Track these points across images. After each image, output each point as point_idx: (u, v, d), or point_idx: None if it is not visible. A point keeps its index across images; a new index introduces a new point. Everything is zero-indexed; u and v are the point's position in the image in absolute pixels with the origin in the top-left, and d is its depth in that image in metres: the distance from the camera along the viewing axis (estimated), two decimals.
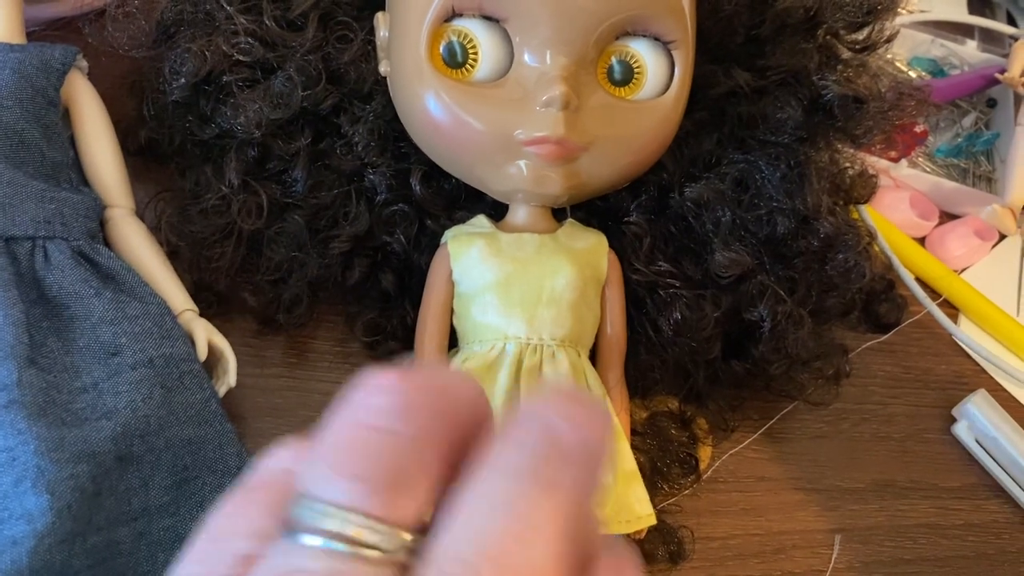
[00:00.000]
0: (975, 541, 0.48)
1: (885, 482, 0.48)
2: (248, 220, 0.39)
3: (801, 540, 0.45)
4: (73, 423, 0.32)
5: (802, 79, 0.42)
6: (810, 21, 0.43)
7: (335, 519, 0.17)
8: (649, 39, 0.37)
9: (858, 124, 0.43)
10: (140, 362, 0.34)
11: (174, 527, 0.34)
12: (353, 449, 0.18)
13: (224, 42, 0.39)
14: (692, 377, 0.43)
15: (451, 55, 0.36)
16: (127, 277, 0.36)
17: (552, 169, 0.37)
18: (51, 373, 0.33)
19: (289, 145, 0.40)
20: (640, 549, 0.41)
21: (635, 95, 0.38)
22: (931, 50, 0.66)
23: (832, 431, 0.49)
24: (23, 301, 0.33)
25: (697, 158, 0.42)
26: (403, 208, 0.41)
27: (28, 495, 0.30)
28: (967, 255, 0.57)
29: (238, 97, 0.39)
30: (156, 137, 0.41)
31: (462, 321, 0.38)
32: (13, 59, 0.37)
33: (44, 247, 0.35)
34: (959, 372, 0.53)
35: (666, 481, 0.42)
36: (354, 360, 0.43)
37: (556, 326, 0.37)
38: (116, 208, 0.40)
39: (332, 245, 0.40)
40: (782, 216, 0.41)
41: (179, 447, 0.34)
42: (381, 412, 0.18)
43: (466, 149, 0.37)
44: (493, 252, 0.38)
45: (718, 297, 0.41)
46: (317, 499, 0.17)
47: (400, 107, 0.39)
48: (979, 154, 0.63)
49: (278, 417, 0.40)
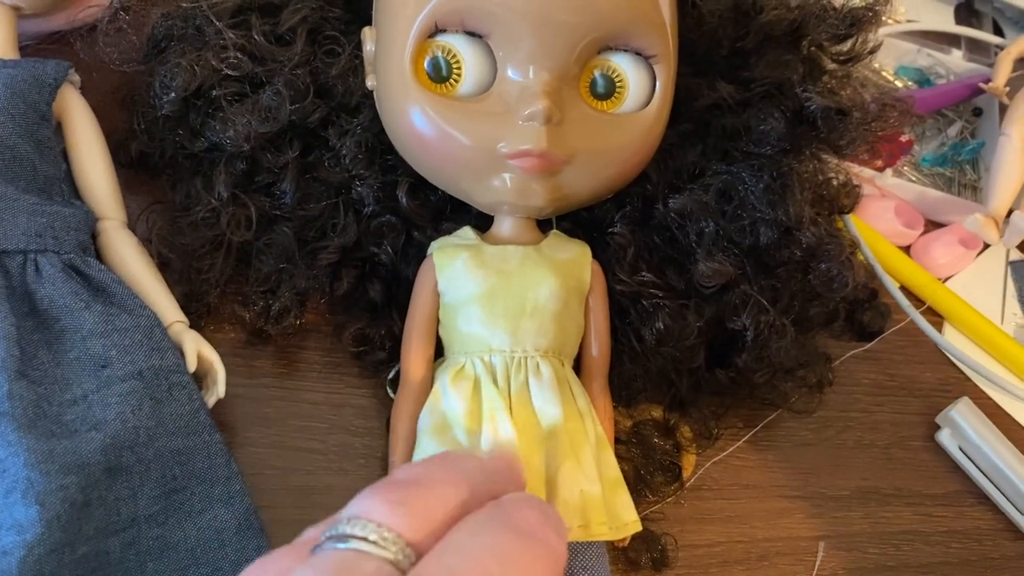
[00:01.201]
0: (958, 548, 0.49)
1: (869, 489, 0.49)
2: (237, 232, 0.40)
3: (785, 547, 0.46)
4: (63, 435, 0.32)
5: (786, 91, 0.43)
6: (794, 33, 0.44)
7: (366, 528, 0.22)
8: (631, 53, 0.38)
9: (841, 135, 0.43)
10: (130, 374, 0.35)
11: (163, 536, 0.34)
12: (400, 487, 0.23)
13: (213, 57, 0.39)
14: (676, 386, 0.43)
15: (435, 70, 0.37)
16: (117, 290, 0.37)
17: (535, 182, 0.37)
18: (41, 385, 0.33)
19: (278, 158, 0.40)
20: (624, 556, 0.41)
21: (617, 109, 0.38)
22: (917, 60, 0.67)
23: (816, 439, 0.49)
24: (14, 314, 0.34)
25: (681, 169, 0.43)
26: (390, 220, 0.42)
27: (18, 506, 0.30)
28: (952, 263, 0.58)
29: (227, 111, 0.39)
30: (147, 150, 0.42)
31: (448, 331, 0.39)
32: (6, 74, 0.38)
33: (35, 260, 0.36)
34: (943, 380, 0.54)
35: (650, 489, 0.43)
36: (343, 370, 0.43)
37: (539, 337, 0.37)
38: (108, 220, 0.40)
39: (320, 256, 0.41)
40: (765, 227, 0.41)
41: (168, 458, 0.35)
42: (424, 477, 0.24)
43: (451, 162, 0.38)
44: (478, 264, 0.38)
45: (701, 307, 0.41)
46: (355, 516, 0.22)
47: (386, 121, 0.40)
48: (965, 163, 0.64)
49: (267, 427, 0.41)
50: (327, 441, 0.41)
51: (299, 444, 0.41)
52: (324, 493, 0.40)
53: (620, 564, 0.41)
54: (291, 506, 0.39)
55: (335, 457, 0.41)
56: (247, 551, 0.35)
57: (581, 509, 0.35)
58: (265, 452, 0.40)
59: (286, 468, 0.40)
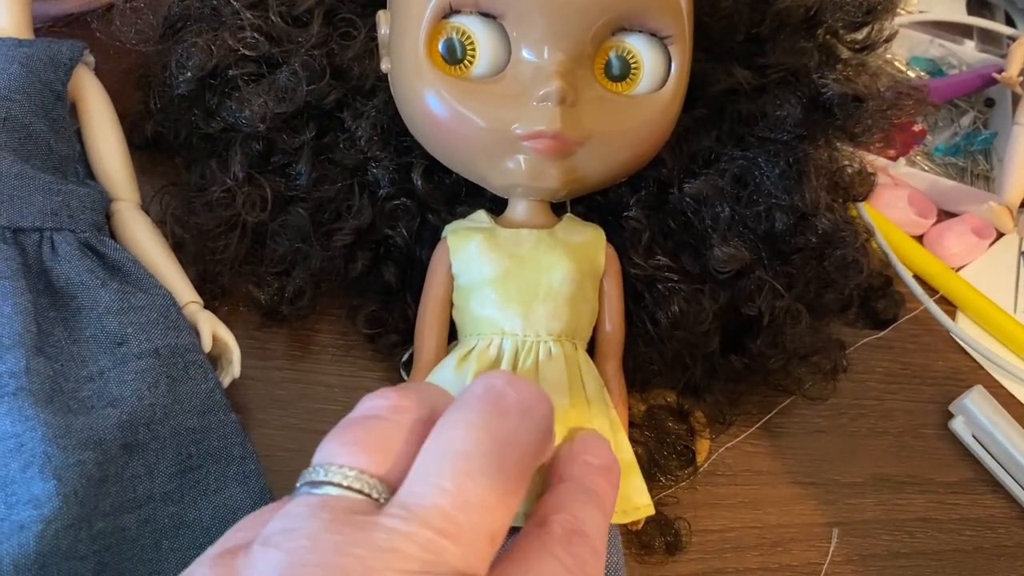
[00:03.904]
0: (971, 535, 0.49)
1: (882, 476, 0.49)
2: (252, 213, 0.39)
3: (799, 533, 0.45)
4: (80, 411, 0.32)
5: (802, 77, 0.43)
6: (810, 20, 0.43)
7: (335, 473, 0.23)
8: (646, 35, 0.38)
9: (857, 122, 0.43)
10: (146, 352, 0.35)
11: (178, 514, 0.34)
12: (355, 425, 0.25)
13: (230, 37, 0.39)
14: (690, 370, 0.43)
15: (449, 52, 0.37)
16: (133, 268, 0.37)
17: (549, 164, 0.37)
18: (58, 362, 0.33)
19: (293, 139, 0.40)
20: (638, 540, 0.41)
21: (632, 90, 0.38)
22: (930, 50, 0.67)
23: (830, 426, 0.49)
24: (30, 291, 0.34)
25: (696, 154, 0.43)
26: (405, 202, 0.42)
27: (35, 481, 0.30)
28: (965, 253, 0.58)
29: (243, 91, 0.39)
30: (162, 131, 0.42)
31: (461, 314, 0.39)
32: (22, 54, 0.38)
33: (51, 238, 0.36)
34: (956, 368, 0.54)
35: (663, 473, 0.43)
36: (356, 353, 0.43)
37: (552, 320, 0.37)
38: (122, 201, 0.40)
39: (335, 238, 0.41)
40: (780, 212, 0.41)
41: (183, 436, 0.35)
42: (378, 407, 0.25)
43: (465, 144, 0.38)
44: (491, 247, 0.38)
45: (716, 292, 0.41)
46: (321, 463, 0.24)
47: (400, 104, 0.40)
48: (977, 153, 0.64)
49: (281, 408, 0.41)
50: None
51: (313, 426, 0.41)
52: None
53: (634, 548, 0.41)
54: None
55: None
56: None
57: None
58: (279, 434, 0.40)
59: (300, 450, 0.40)
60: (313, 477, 0.24)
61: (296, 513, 0.22)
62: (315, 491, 0.23)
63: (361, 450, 0.24)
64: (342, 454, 0.24)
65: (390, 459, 0.24)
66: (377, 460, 0.24)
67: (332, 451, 0.24)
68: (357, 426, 0.25)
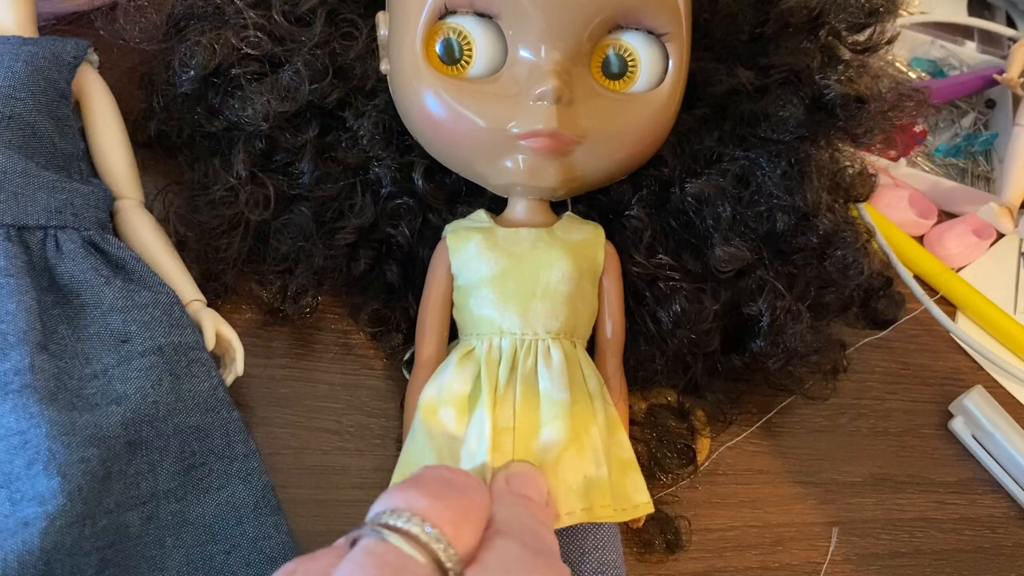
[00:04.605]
0: (971, 535, 0.49)
1: (882, 476, 0.49)
2: (255, 211, 0.40)
3: (799, 532, 0.46)
4: (84, 408, 0.33)
5: (804, 78, 0.43)
6: (813, 22, 0.43)
7: (410, 521, 0.23)
8: (642, 32, 0.38)
9: (859, 123, 0.43)
10: (149, 349, 0.35)
11: (181, 512, 0.34)
12: (439, 479, 0.25)
13: (233, 35, 0.39)
14: (691, 369, 0.43)
15: (447, 52, 0.37)
16: (137, 266, 0.37)
17: (547, 162, 0.37)
18: (62, 359, 0.33)
19: (296, 138, 0.40)
20: (638, 538, 0.41)
21: (629, 88, 0.38)
22: (931, 51, 0.67)
23: (830, 425, 0.49)
24: (35, 289, 0.34)
25: (698, 154, 0.43)
26: (407, 201, 0.42)
27: (40, 477, 0.30)
28: (965, 253, 0.58)
29: (246, 90, 0.39)
30: (165, 129, 0.42)
31: (461, 313, 0.39)
32: (26, 52, 0.38)
33: (56, 236, 0.36)
34: (956, 369, 0.54)
35: (664, 471, 0.43)
36: (359, 352, 0.43)
37: (550, 319, 0.37)
38: (125, 200, 0.40)
39: (338, 236, 0.41)
40: (782, 212, 0.41)
41: (187, 433, 0.35)
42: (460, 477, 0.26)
43: (464, 144, 0.38)
44: (490, 246, 0.38)
45: (717, 291, 0.41)
46: (398, 508, 0.23)
47: (399, 104, 0.40)
48: (978, 154, 0.64)
49: (284, 407, 0.41)
50: (343, 422, 0.41)
51: (315, 424, 0.41)
52: (339, 473, 0.40)
53: (634, 546, 0.42)
54: (307, 486, 0.39)
55: (351, 437, 0.41)
56: (264, 528, 0.35)
57: (584, 492, 0.35)
58: (281, 432, 0.40)
59: (302, 448, 0.40)
60: (386, 521, 0.24)
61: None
62: (387, 535, 0.23)
63: (447, 507, 0.24)
64: (424, 505, 0.24)
65: (465, 528, 0.24)
66: (457, 523, 0.24)
67: (413, 499, 0.24)
68: (439, 484, 0.25)
